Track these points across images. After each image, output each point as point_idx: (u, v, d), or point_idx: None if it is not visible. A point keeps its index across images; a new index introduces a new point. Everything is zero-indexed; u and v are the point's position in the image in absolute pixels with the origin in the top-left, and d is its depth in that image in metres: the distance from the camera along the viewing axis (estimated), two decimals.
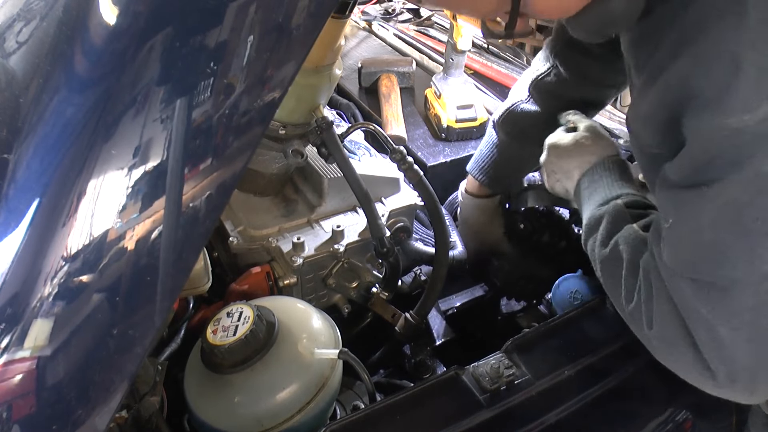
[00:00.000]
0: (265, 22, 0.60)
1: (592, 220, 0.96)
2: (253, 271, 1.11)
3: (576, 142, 1.06)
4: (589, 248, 0.96)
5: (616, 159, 1.02)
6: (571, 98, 1.22)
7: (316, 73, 1.06)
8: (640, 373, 0.99)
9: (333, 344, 0.95)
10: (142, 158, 0.60)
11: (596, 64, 1.17)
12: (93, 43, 0.60)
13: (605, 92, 1.25)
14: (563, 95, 1.22)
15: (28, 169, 0.60)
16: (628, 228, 0.89)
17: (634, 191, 0.97)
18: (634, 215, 0.91)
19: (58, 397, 0.61)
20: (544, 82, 1.23)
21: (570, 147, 1.07)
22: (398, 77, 1.80)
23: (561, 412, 0.90)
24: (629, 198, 0.94)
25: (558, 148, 1.10)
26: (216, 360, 0.86)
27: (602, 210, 0.95)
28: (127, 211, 0.60)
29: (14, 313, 0.60)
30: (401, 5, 2.55)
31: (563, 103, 1.22)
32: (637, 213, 0.92)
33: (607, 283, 0.91)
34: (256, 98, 0.61)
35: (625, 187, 0.98)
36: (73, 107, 0.59)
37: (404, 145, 1.47)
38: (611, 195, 0.96)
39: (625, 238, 0.88)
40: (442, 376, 0.93)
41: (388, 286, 1.19)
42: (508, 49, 2.12)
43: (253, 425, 0.86)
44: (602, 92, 1.25)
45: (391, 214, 1.23)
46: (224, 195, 0.63)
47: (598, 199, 0.97)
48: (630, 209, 0.92)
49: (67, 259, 0.59)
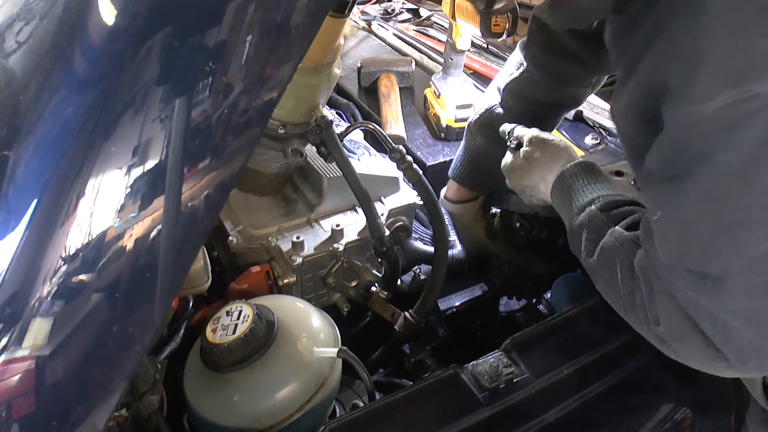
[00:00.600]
0: (264, 20, 0.60)
1: (572, 233, 0.98)
2: (252, 270, 1.11)
3: (527, 158, 1.08)
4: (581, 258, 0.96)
5: (577, 164, 1.02)
6: (545, 100, 1.23)
7: (316, 72, 1.06)
8: (639, 371, 0.99)
9: (332, 343, 0.95)
10: (141, 157, 0.60)
11: (571, 64, 1.17)
12: (92, 42, 0.60)
13: (580, 92, 1.26)
14: (536, 97, 1.23)
15: (27, 168, 0.60)
16: (611, 232, 0.89)
17: (606, 190, 0.97)
18: (613, 217, 0.91)
19: (57, 395, 0.61)
20: (517, 84, 1.24)
21: (523, 165, 1.09)
22: (398, 77, 1.80)
23: (560, 410, 0.90)
24: (603, 201, 0.94)
25: (513, 170, 1.12)
26: (215, 359, 0.87)
27: (578, 220, 0.95)
28: (126, 210, 0.60)
29: (13, 313, 0.60)
30: (401, 5, 2.55)
31: (536, 105, 1.23)
32: (615, 214, 0.92)
33: (604, 290, 0.91)
34: (255, 97, 0.61)
35: (595, 189, 0.98)
36: (73, 106, 0.59)
37: (403, 145, 1.47)
38: (583, 202, 0.97)
39: (612, 242, 0.88)
40: (441, 375, 0.93)
41: (388, 285, 1.19)
42: (508, 49, 2.12)
43: (253, 424, 0.86)
44: (576, 92, 1.25)
45: (391, 213, 1.23)
46: (223, 194, 0.63)
47: (572, 209, 0.98)
48: (606, 212, 0.92)
49: (66, 258, 0.59)
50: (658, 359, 0.98)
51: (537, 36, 1.21)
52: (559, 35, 1.17)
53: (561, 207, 1.03)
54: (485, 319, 1.42)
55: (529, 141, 1.09)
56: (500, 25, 1.31)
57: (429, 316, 1.23)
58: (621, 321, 0.90)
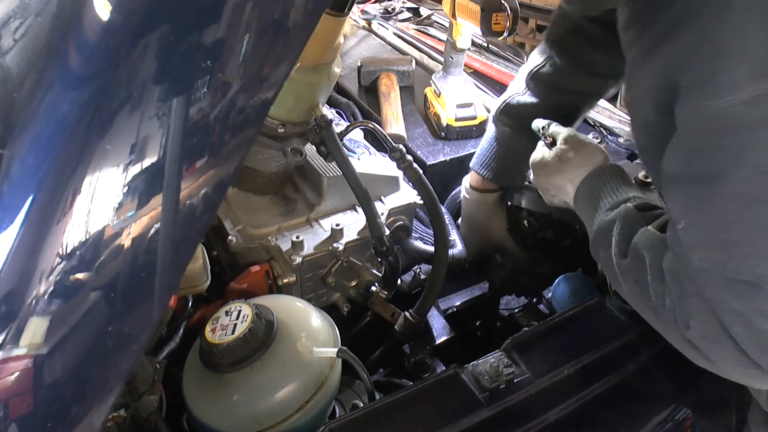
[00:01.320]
0: (261, 18, 0.60)
1: (602, 228, 0.93)
2: (252, 269, 1.11)
3: (560, 157, 1.05)
4: (603, 259, 0.93)
5: (611, 165, 1.01)
6: (568, 88, 1.22)
7: (315, 71, 1.06)
8: (640, 371, 0.99)
9: (332, 343, 0.95)
10: (138, 155, 0.59)
11: (595, 51, 1.16)
12: (87, 38, 0.60)
13: (603, 82, 1.24)
14: (560, 85, 1.22)
15: (22, 166, 0.60)
16: (643, 231, 0.85)
17: (639, 193, 0.95)
18: (647, 217, 0.89)
19: (54, 395, 0.61)
20: (541, 73, 1.23)
21: (555, 163, 1.06)
22: (398, 76, 1.80)
23: (560, 410, 0.90)
24: (639, 201, 0.92)
25: (543, 167, 1.09)
26: (215, 359, 0.86)
27: (612, 215, 0.91)
28: (124, 209, 0.60)
29: (9, 311, 0.59)
30: (401, 4, 2.55)
31: (560, 94, 1.22)
32: (650, 215, 0.89)
33: (633, 292, 0.87)
34: (253, 95, 0.61)
35: (629, 191, 0.96)
36: (68, 103, 0.59)
37: (404, 144, 1.47)
38: (619, 199, 0.94)
39: (644, 242, 0.84)
40: (441, 375, 0.92)
41: (388, 285, 1.18)
42: (508, 48, 2.12)
43: (252, 424, 0.86)
44: (600, 82, 1.24)
45: (391, 212, 1.22)
46: (221, 192, 0.63)
47: (605, 205, 0.95)
48: (642, 211, 0.90)
49: (63, 256, 0.59)
50: (658, 359, 0.98)
51: (560, 22, 1.21)
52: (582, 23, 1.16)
53: (586, 207, 0.99)
54: (485, 319, 1.41)
55: (564, 140, 1.07)
56: (501, 24, 1.31)
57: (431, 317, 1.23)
58: (621, 321, 0.89)
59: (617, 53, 1.02)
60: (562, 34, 1.19)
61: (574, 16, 1.18)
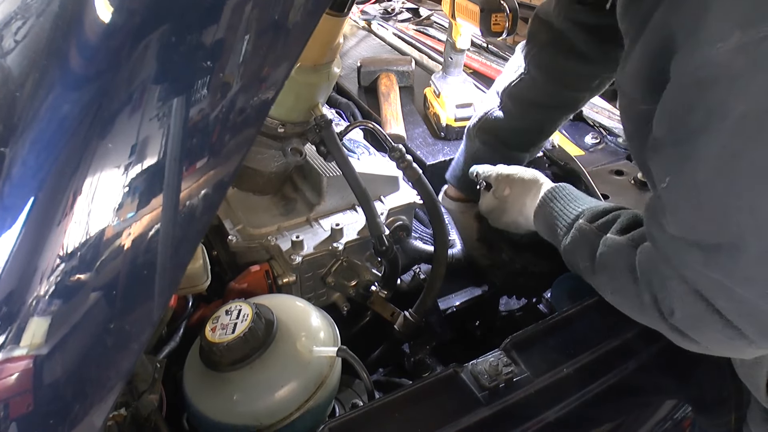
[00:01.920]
0: (261, 18, 0.60)
1: (566, 252, 0.97)
2: (252, 269, 1.11)
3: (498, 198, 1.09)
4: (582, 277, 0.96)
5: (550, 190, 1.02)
6: (543, 102, 1.23)
7: (315, 71, 1.06)
8: (640, 370, 0.99)
9: (332, 342, 0.95)
10: (139, 156, 0.60)
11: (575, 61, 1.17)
12: (89, 39, 0.60)
13: (579, 96, 1.25)
14: (534, 100, 1.23)
15: (23, 166, 0.60)
16: (603, 241, 0.87)
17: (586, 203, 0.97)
18: (602, 226, 0.90)
19: (55, 394, 0.61)
20: (516, 87, 1.24)
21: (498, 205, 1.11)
22: (397, 76, 1.80)
23: (560, 409, 0.90)
24: (587, 213, 0.94)
25: (491, 211, 1.14)
26: (215, 358, 0.86)
27: (569, 238, 0.95)
28: (125, 209, 0.60)
29: (10, 311, 0.60)
30: (400, 4, 2.55)
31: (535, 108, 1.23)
32: (603, 222, 0.91)
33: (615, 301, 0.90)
34: (253, 95, 0.61)
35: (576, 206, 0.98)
36: (69, 104, 0.59)
37: (403, 144, 1.47)
38: (570, 219, 0.96)
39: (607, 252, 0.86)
40: (441, 374, 0.92)
41: (387, 285, 1.18)
42: (508, 48, 2.12)
43: (252, 423, 0.86)
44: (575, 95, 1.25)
45: (390, 212, 1.23)
46: (221, 192, 0.63)
47: (561, 231, 0.98)
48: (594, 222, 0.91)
49: (63, 256, 0.59)
50: (658, 358, 0.99)
51: (539, 36, 1.21)
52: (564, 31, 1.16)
53: (549, 236, 1.03)
54: (485, 319, 1.41)
55: (496, 179, 1.10)
56: (500, 24, 1.31)
57: (429, 316, 1.23)
58: (621, 321, 0.89)
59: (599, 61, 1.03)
60: (541, 47, 1.20)
61: (555, 24, 1.18)
